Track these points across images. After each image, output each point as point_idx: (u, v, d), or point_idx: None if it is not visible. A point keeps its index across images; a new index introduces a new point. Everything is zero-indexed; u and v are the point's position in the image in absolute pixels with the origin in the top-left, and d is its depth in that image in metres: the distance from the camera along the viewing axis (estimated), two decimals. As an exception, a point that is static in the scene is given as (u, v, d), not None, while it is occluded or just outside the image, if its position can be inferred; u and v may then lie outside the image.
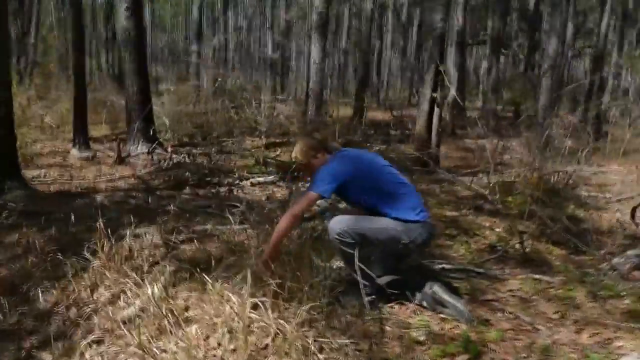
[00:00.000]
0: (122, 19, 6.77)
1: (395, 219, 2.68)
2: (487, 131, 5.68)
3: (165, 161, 6.48)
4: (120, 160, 6.60)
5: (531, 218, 4.38)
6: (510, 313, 2.82)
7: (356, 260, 2.60)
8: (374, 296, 2.64)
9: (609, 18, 14.66)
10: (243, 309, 2.37)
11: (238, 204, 4.70)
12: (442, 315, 2.68)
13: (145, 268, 3.14)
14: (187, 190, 5.42)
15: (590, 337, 2.62)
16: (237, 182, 5.77)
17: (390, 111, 12.20)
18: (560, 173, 5.88)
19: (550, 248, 3.98)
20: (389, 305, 2.77)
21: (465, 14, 14.02)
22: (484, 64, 21.67)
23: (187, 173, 5.89)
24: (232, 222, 3.68)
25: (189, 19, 28.05)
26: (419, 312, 2.72)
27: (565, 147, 6.37)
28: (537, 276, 3.35)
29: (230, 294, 2.53)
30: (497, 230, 4.47)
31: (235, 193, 5.29)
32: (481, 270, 3.43)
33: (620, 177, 7.24)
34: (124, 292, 2.88)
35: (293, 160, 3.02)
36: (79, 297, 2.90)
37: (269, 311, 2.35)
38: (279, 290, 2.48)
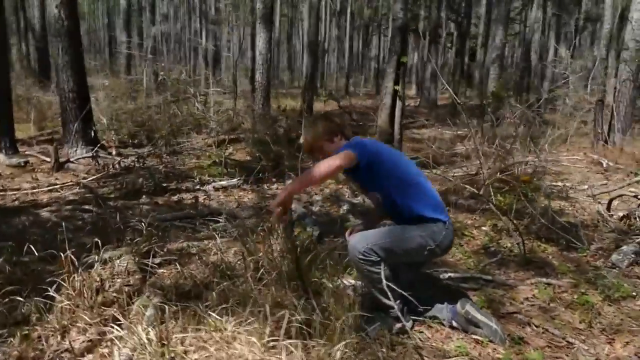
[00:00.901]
0: (52, 7, 5.98)
1: (420, 217, 2.40)
2: (470, 122, 5.50)
3: (111, 166, 5.84)
4: (59, 166, 5.87)
5: (518, 215, 4.30)
6: (538, 326, 2.65)
7: (384, 280, 2.29)
8: (405, 322, 2.35)
9: (538, 7, 15.26)
10: (267, 353, 2.03)
11: (210, 215, 4.28)
12: (474, 337, 2.46)
13: (124, 302, 2.68)
14: (144, 199, 4.87)
15: (623, 347, 2.51)
16: (198, 187, 5.29)
17: (337, 102, 11.95)
18: (523, 164, 5.90)
19: (543, 246, 3.90)
20: (417, 329, 2.51)
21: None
22: (415, 53, 22.13)
23: (140, 179, 5.31)
24: (217, 238, 3.27)
25: (112, 5, 26.33)
26: (450, 335, 2.48)
27: (527, 137, 6.42)
28: (545, 280, 3.23)
29: (246, 334, 2.16)
30: (484, 228, 4.35)
31: (201, 201, 4.82)
32: (489, 277, 3.26)
33: (570, 164, 7.46)
34: (105, 336, 2.43)
35: (304, 142, 2.66)
36: (48, 347, 2.39)
37: (300, 354, 2.01)
38: (305, 327, 2.15)
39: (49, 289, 2.60)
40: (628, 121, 8.46)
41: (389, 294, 2.28)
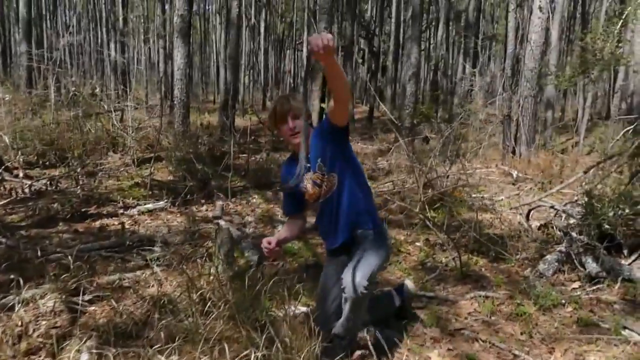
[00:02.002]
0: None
1: (374, 220, 2.44)
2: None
3: (20, 190, 5.32)
4: (-45, 192, 5.25)
5: (449, 229, 4.45)
6: (485, 341, 2.74)
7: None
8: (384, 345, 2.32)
9: (445, 28, 16.23)
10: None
11: (140, 242, 4.01)
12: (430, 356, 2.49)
13: (53, 348, 2.41)
14: (62, 226, 4.47)
15: (563, 355, 2.65)
16: (121, 211, 4.95)
17: (257, 117, 11.83)
18: (445, 178, 6.15)
19: (475, 259, 4.06)
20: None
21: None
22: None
23: (54, 204, 4.88)
24: (154, 268, 3.06)
25: (6, 12, 24.27)
26: (408, 353, 2.48)
27: (447, 151, 6.73)
28: (483, 293, 3.36)
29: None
30: (418, 244, 4.46)
31: (128, 226, 4.51)
32: (431, 294, 3.34)
33: (484, 176, 7.90)
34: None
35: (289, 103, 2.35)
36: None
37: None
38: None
39: (-38, 340, 2.29)
40: (531, 134, 9.16)
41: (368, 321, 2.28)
